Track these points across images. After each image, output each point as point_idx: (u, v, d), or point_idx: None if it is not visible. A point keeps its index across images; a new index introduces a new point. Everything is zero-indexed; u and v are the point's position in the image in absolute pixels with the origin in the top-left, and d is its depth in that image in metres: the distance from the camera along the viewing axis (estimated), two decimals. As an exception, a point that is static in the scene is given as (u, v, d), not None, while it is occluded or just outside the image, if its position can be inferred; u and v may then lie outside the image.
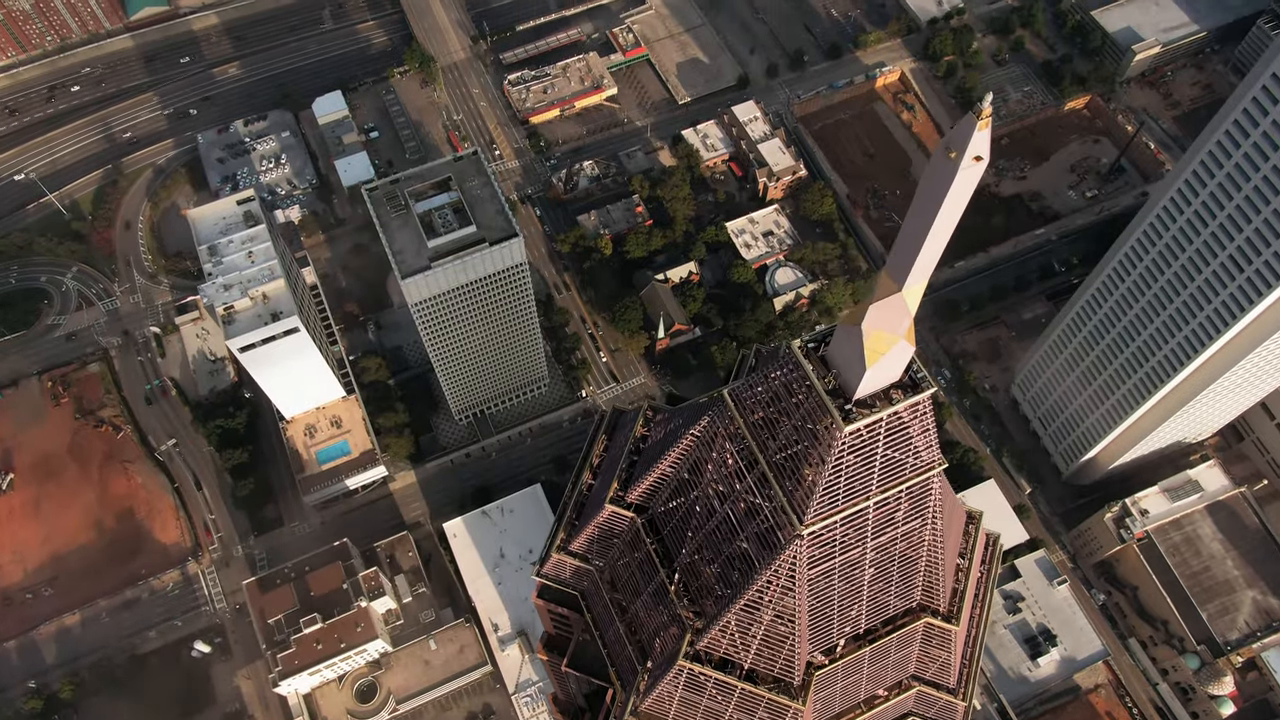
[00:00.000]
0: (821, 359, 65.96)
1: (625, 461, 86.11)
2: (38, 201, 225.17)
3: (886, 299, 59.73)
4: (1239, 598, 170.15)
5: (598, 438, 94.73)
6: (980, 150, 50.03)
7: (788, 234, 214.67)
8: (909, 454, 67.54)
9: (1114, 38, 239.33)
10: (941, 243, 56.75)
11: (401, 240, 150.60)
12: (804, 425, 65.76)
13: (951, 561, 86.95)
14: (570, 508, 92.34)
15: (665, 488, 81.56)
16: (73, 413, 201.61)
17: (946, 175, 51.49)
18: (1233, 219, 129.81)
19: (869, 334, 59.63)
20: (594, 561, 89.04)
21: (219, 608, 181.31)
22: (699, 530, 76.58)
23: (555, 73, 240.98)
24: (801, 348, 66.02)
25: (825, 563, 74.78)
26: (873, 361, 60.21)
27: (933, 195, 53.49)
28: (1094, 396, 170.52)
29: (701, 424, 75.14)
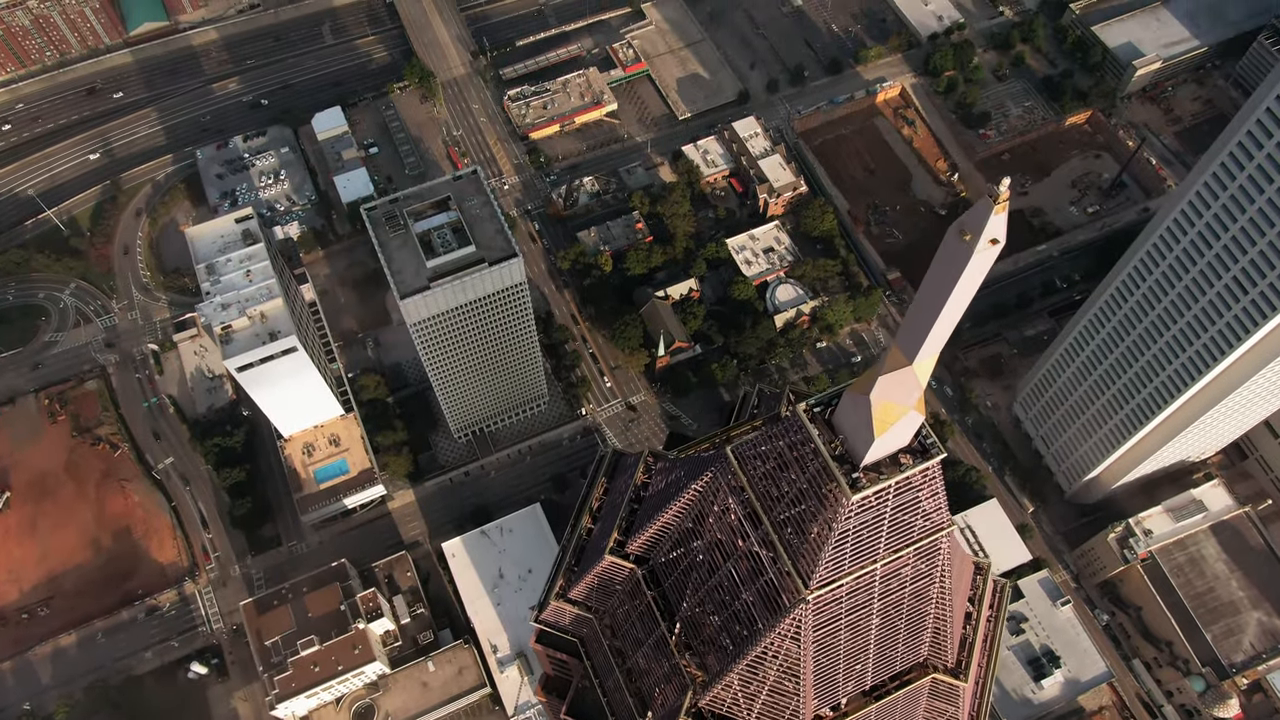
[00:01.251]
0: (828, 423, 64.94)
1: (626, 510, 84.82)
2: (36, 218, 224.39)
3: (896, 372, 58.77)
4: (1244, 619, 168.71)
5: (598, 480, 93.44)
6: (997, 234, 48.89)
7: (788, 250, 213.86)
8: (918, 516, 66.53)
9: (1115, 53, 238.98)
10: (954, 320, 55.70)
11: (400, 260, 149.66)
12: (809, 488, 64.74)
13: (959, 614, 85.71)
14: (570, 553, 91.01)
15: (666, 540, 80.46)
16: (70, 430, 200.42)
17: (960, 257, 50.36)
18: (1237, 241, 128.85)
19: (878, 404, 58.72)
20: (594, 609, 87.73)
21: (216, 628, 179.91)
22: (701, 585, 75.50)
23: (555, 88, 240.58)
24: (807, 411, 64.98)
25: (831, 624, 73.56)
26: (881, 432, 59.28)
27: (946, 275, 52.32)
28: (1097, 415, 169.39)
29: (704, 479, 74.05)
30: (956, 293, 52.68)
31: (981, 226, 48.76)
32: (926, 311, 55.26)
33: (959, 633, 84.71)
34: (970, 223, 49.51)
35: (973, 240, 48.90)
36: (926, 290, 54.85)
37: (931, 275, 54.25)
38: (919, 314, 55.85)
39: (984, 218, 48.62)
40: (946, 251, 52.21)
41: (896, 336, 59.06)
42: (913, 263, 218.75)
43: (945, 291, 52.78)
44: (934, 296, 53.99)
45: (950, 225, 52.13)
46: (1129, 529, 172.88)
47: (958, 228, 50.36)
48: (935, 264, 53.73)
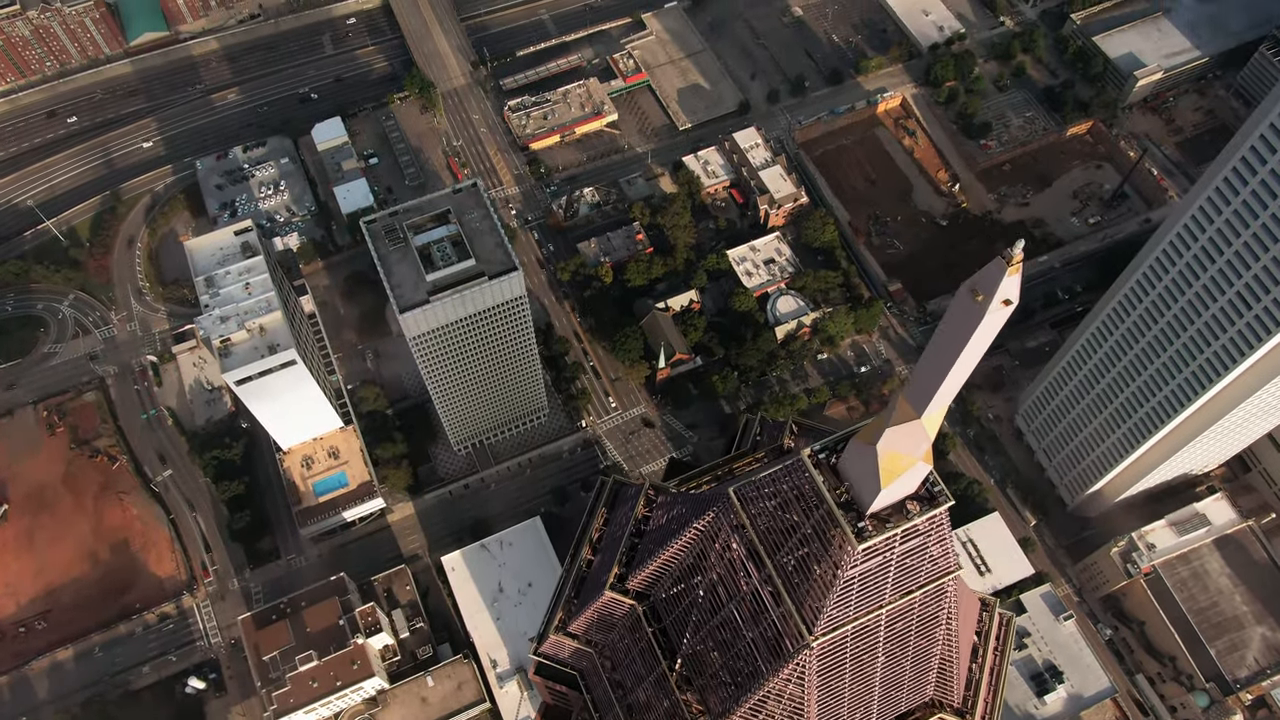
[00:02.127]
0: (833, 469, 64.22)
1: (626, 543, 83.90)
2: (35, 228, 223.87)
3: (905, 425, 58.09)
4: (1248, 634, 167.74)
5: (598, 509, 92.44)
6: (1010, 295, 48.22)
7: (789, 262, 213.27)
8: (924, 561, 65.82)
9: (1116, 64, 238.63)
10: (964, 376, 55.00)
11: (400, 273, 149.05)
12: (814, 533, 64.01)
13: (965, 653, 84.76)
14: (569, 585, 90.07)
15: (667, 578, 79.60)
16: (68, 442, 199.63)
17: (972, 317, 49.67)
18: (1241, 257, 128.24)
19: (884, 454, 58.05)
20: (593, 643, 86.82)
21: (214, 643, 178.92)
22: (703, 623, 74.66)
23: (555, 99, 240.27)
24: (812, 457, 64.23)
25: (835, 668, 72.61)
26: (888, 483, 58.57)
27: (956, 334, 51.63)
28: (1100, 428, 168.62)
29: (706, 518, 73.24)
30: (967, 352, 51.95)
31: (994, 288, 48.09)
32: (937, 367, 54.52)
33: (965, 671, 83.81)
34: (982, 283, 48.83)
35: (985, 301, 48.22)
36: (937, 346, 54.11)
37: (942, 332, 53.52)
38: (929, 369, 55.17)
39: (996, 279, 47.98)
40: (957, 310, 51.43)
41: (905, 388, 58.34)
42: (914, 274, 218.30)
43: (956, 350, 52.02)
44: (944, 354, 53.27)
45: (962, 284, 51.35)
46: (1132, 543, 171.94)
47: (969, 287, 49.69)
48: (946, 321, 53.06)
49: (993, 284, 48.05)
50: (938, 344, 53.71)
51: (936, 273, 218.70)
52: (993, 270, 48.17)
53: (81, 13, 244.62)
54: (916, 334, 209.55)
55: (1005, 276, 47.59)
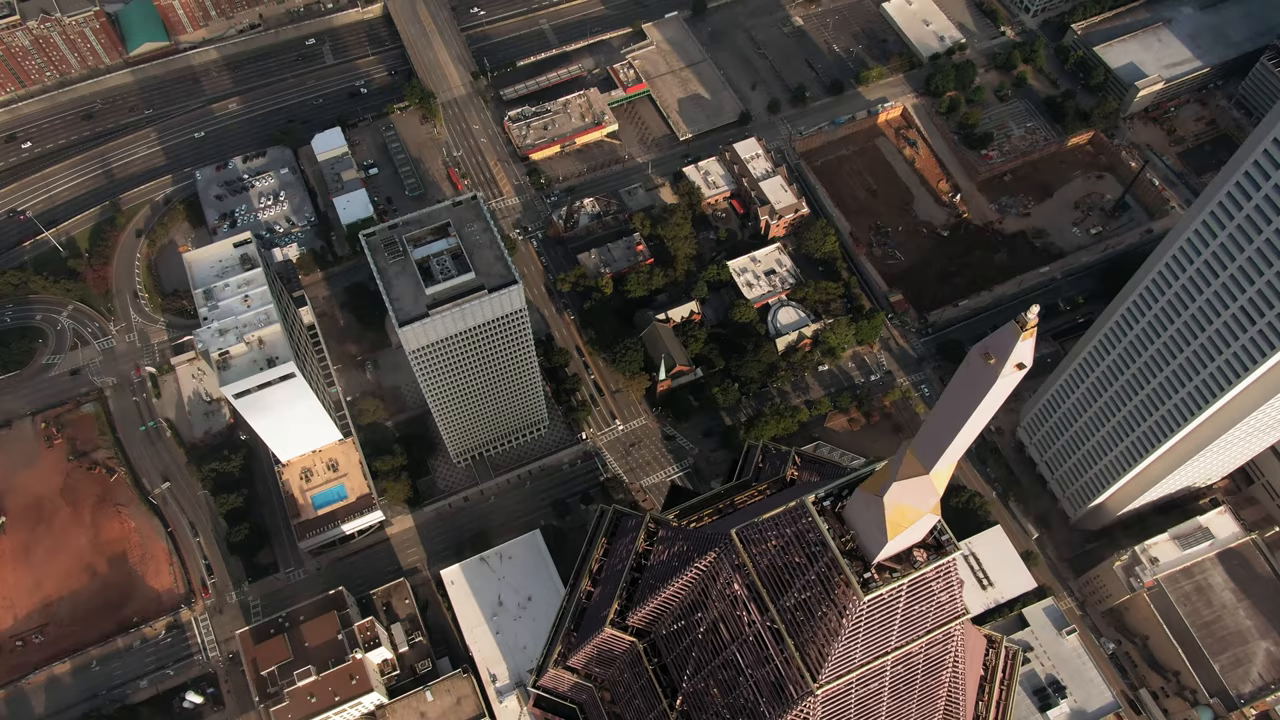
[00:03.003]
0: (838, 515, 63.43)
1: (627, 578, 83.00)
2: (34, 239, 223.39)
3: (913, 480, 57.33)
4: (1252, 648, 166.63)
5: (598, 540, 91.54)
6: (1023, 359, 47.44)
7: (790, 272, 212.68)
8: (931, 607, 65.00)
9: (1117, 74, 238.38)
10: (974, 435, 54.19)
11: (399, 287, 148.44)
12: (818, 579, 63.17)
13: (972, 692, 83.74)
14: (569, 617, 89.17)
15: (669, 615, 78.71)
16: (66, 454, 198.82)
17: (984, 380, 48.94)
18: (1244, 272, 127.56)
19: (891, 507, 57.31)
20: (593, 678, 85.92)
21: (212, 657, 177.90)
22: (705, 663, 73.75)
23: (556, 109, 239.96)
24: (816, 504, 63.44)
25: (840, 713, 71.52)
26: (895, 535, 57.86)
27: (968, 395, 50.88)
28: (1103, 442, 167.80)
29: (708, 558, 72.46)
30: (978, 413, 51.13)
31: (1007, 353, 47.23)
32: (947, 426, 53.78)
33: (971, 709, 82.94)
34: (995, 347, 47.95)
35: (998, 365, 47.35)
36: (947, 405, 53.34)
37: (953, 391, 52.70)
38: (938, 426, 54.48)
39: (1010, 344, 47.11)
40: (969, 372, 50.58)
41: (913, 442, 57.62)
42: (915, 284, 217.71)
43: (966, 410, 51.25)
44: (955, 413, 52.52)
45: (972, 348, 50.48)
46: (1135, 557, 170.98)
47: (981, 350, 48.84)
48: (956, 381, 52.25)
49: (1005, 348, 47.23)
50: (948, 402, 52.97)
51: (938, 283, 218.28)
52: (1005, 335, 47.34)
53: (81, 23, 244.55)
54: (918, 345, 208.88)
55: (1019, 341, 46.80)
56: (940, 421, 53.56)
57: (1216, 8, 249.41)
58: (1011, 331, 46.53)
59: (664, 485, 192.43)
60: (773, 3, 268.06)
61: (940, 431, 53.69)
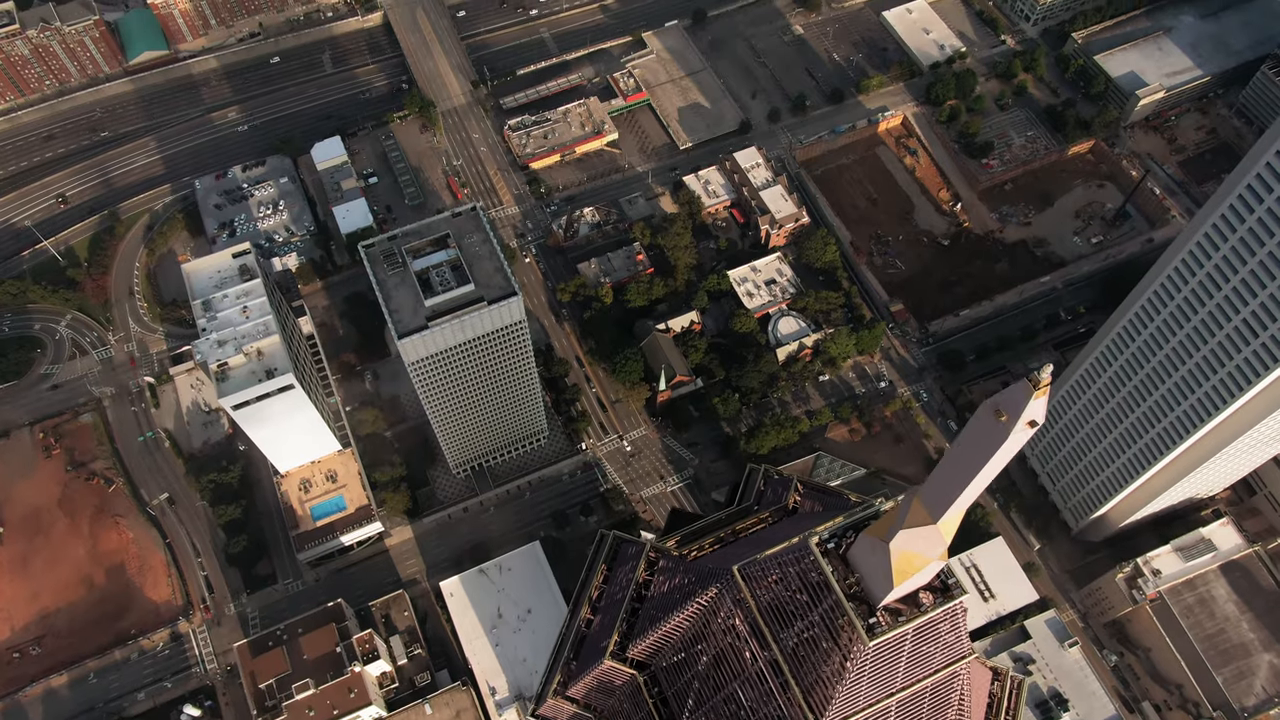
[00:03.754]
0: (842, 557, 62.77)
1: (627, 609, 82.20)
2: (33, 248, 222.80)
3: (920, 529, 56.67)
4: (1255, 661, 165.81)
5: (597, 566, 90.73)
6: (1035, 417, 46.95)
7: (790, 282, 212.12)
8: (938, 649, 64.27)
9: (1117, 82, 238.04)
10: (981, 487, 53.70)
11: (398, 298, 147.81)
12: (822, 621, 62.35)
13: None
14: (568, 645, 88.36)
15: (669, 648, 77.94)
16: (64, 465, 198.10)
17: (994, 437, 48.48)
18: (1247, 285, 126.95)
19: (897, 554, 56.65)
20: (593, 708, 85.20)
21: (210, 669, 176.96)
22: (705, 698, 73.01)
23: (556, 118, 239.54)
24: (820, 546, 62.77)
25: None
26: (901, 582, 57.19)
27: (978, 450, 50.46)
28: (1106, 453, 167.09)
29: (709, 594, 71.74)
30: (989, 468, 50.62)
31: (1019, 410, 46.78)
32: (956, 478, 53.25)
33: None
34: (1006, 403, 47.50)
35: (1010, 422, 46.84)
36: (956, 457, 52.84)
37: (962, 445, 52.19)
38: (947, 478, 53.92)
39: (1022, 402, 46.68)
40: (979, 427, 50.11)
41: (920, 490, 56.95)
42: (916, 293, 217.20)
43: (976, 465, 50.76)
44: (964, 467, 52.01)
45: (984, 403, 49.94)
46: (1137, 569, 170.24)
47: (992, 407, 48.30)
48: (967, 435, 51.79)
49: (1018, 406, 46.80)
50: (957, 455, 52.44)
51: (939, 293, 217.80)
52: (1017, 392, 46.92)
53: (81, 32, 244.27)
54: (919, 355, 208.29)
55: (1032, 399, 46.40)
56: (949, 473, 52.95)
57: (1217, 16, 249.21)
58: (1024, 389, 45.99)
59: (664, 496, 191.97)
60: (773, 11, 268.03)
61: (949, 483, 53.10)
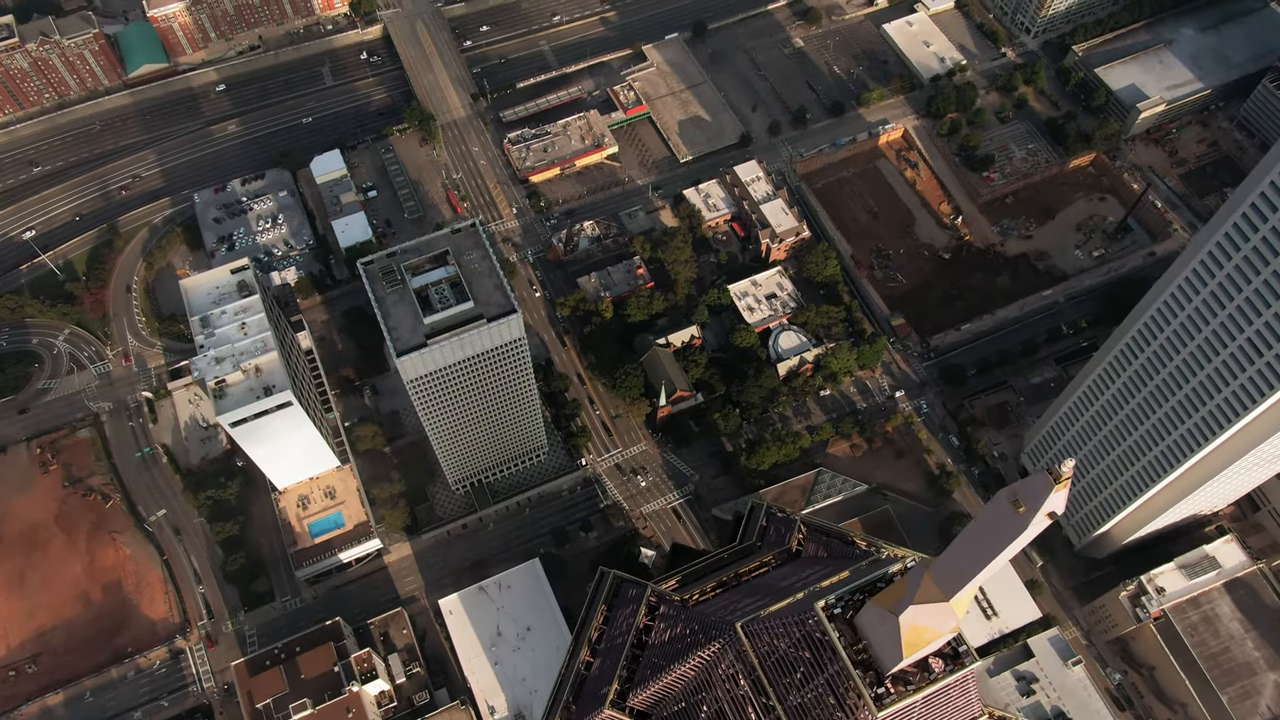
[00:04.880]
0: (849, 622, 61.78)
1: (628, 655, 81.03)
2: (31, 262, 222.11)
3: (932, 605, 55.68)
4: (1260, 680, 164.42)
5: (597, 606, 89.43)
6: (1055, 509, 46.29)
7: (791, 296, 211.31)
8: (948, 712, 63.24)
9: (1118, 95, 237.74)
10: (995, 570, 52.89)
11: (397, 316, 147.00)
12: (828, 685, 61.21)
13: None
14: (567, 688, 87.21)
15: (670, 700, 76.89)
16: (61, 480, 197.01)
17: (1011, 526, 47.85)
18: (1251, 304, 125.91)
19: (907, 626, 55.66)
20: None
21: (207, 687, 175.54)
22: None
23: (556, 131, 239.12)
24: (826, 610, 61.79)
25: None
26: (910, 655, 56.16)
27: (993, 537, 49.76)
28: (1109, 470, 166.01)
29: (712, 648, 70.58)
30: (1005, 554, 49.89)
31: (1039, 503, 46.14)
32: (970, 561, 52.47)
33: None
34: (1025, 495, 46.85)
35: (1028, 514, 46.16)
36: (971, 540, 52.09)
37: (978, 529, 51.43)
38: (961, 559, 53.09)
39: (1041, 494, 46.12)
40: (996, 516, 49.39)
41: (932, 567, 56.04)
42: (917, 307, 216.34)
43: (992, 552, 50.11)
44: (979, 551, 51.34)
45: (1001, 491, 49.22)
46: (1141, 586, 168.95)
47: (1010, 497, 47.52)
48: (983, 520, 51.08)
49: (1037, 499, 46.18)
50: (972, 538, 51.67)
51: (940, 306, 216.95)
52: (1037, 485, 46.26)
53: (80, 45, 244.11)
54: (920, 370, 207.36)
55: (1052, 493, 45.80)
56: (964, 555, 52.12)
57: (1218, 29, 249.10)
58: (1044, 482, 45.29)
59: (665, 513, 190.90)
60: (773, 24, 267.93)
61: (963, 564, 52.25)
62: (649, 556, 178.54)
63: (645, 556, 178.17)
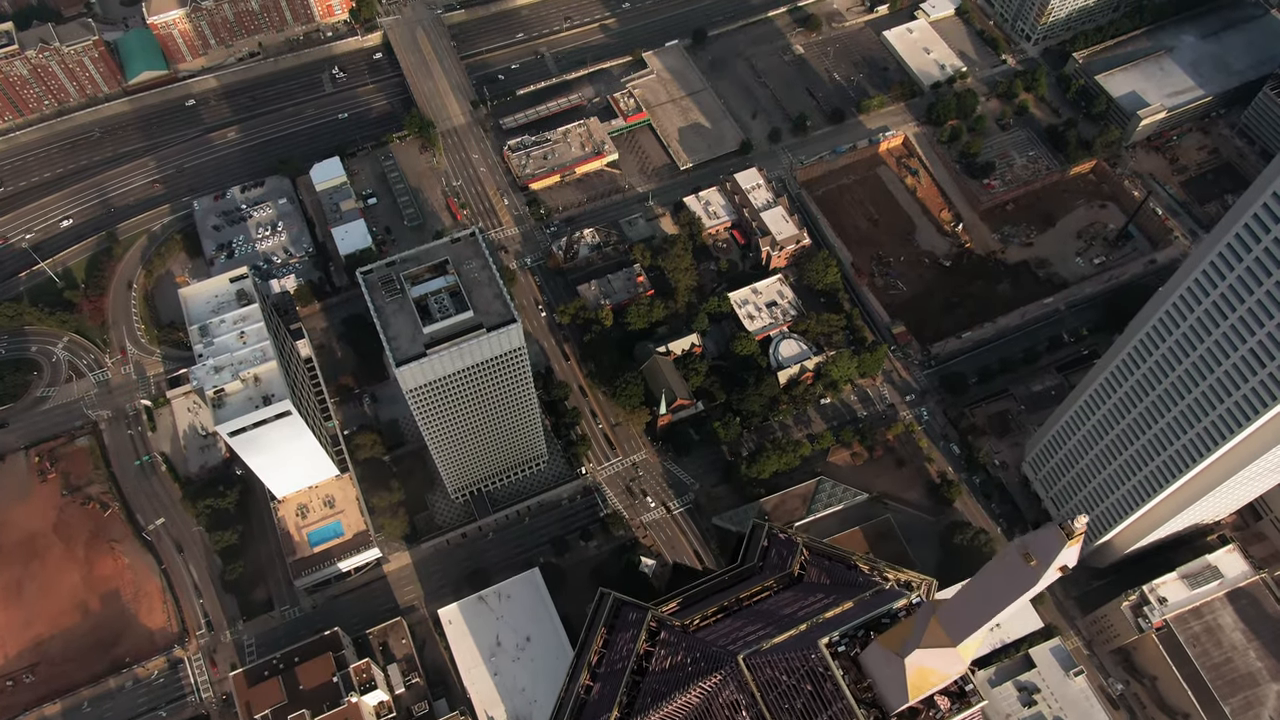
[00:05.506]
0: (853, 659, 61.30)
1: (628, 682, 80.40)
2: (30, 269, 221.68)
3: (940, 649, 55.27)
4: (1263, 691, 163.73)
5: (596, 629, 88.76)
6: (1068, 562, 46.00)
7: (791, 304, 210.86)
8: None
9: (1119, 102, 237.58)
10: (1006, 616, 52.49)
11: (396, 325, 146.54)
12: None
13: None
14: (568, 712, 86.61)
15: None
16: (60, 489, 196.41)
17: (1022, 579, 47.65)
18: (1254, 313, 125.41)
19: (913, 669, 55.18)
20: None
21: (205, 698, 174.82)
22: None
23: (556, 138, 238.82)
24: (831, 647, 61.30)
25: None
26: (916, 696, 55.72)
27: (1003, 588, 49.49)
28: (1110, 479, 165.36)
29: (713, 679, 70.02)
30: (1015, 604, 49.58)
31: (1050, 557, 45.89)
32: (978, 609, 52.18)
33: None
34: (1037, 548, 46.66)
35: (1040, 567, 45.91)
36: (980, 589, 51.84)
37: (987, 579, 51.20)
38: (969, 606, 52.72)
39: (1053, 550, 45.89)
40: (1007, 567, 49.21)
41: (939, 611, 55.53)
42: (917, 314, 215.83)
43: (1002, 603, 49.75)
44: (988, 600, 51.06)
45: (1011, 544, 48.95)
46: (1143, 596, 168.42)
47: (1021, 549, 47.19)
48: (992, 570, 50.89)
49: (1049, 553, 45.93)
50: (981, 586, 51.30)
51: (940, 314, 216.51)
52: (1049, 539, 45.97)
53: (80, 52, 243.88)
54: (920, 378, 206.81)
55: (1064, 548, 45.55)
56: (972, 603, 51.75)
57: (1218, 36, 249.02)
58: (1055, 536, 44.92)
59: (665, 522, 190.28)
60: (773, 31, 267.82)
61: (971, 613, 51.88)
62: (649, 565, 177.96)
63: (645, 566, 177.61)
